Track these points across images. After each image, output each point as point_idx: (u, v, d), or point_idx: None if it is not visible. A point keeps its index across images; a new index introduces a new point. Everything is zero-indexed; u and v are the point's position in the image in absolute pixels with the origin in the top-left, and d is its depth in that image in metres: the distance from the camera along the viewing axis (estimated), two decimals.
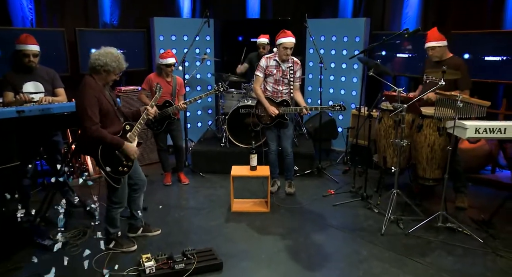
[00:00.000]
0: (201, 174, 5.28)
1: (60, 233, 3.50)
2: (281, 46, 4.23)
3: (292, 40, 4.22)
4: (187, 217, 4.05)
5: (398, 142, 3.67)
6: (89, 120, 2.96)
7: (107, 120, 3.10)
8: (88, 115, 2.95)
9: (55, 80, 3.93)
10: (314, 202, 4.40)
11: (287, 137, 4.50)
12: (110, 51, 3.11)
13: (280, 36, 4.24)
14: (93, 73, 3.10)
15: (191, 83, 6.38)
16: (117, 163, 3.15)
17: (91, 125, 2.96)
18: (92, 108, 2.97)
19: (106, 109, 3.07)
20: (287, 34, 4.22)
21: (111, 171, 3.10)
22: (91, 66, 3.08)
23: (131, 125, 3.27)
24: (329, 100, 6.40)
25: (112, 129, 3.12)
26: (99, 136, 3.00)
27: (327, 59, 6.23)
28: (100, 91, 3.08)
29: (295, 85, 4.43)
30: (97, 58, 3.05)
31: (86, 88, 3.01)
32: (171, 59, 4.56)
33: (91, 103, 2.98)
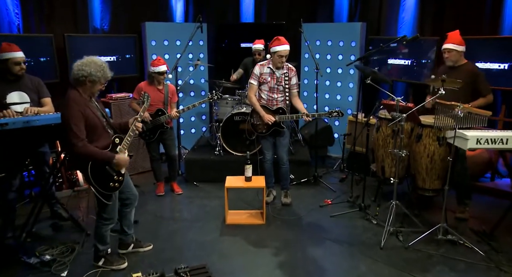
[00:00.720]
0: (195, 183, 5.14)
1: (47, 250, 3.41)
2: (276, 54, 4.12)
3: (287, 47, 4.11)
4: (180, 231, 3.92)
5: (397, 153, 3.57)
6: (75, 137, 2.82)
7: (95, 134, 2.96)
8: (73, 131, 2.81)
9: (41, 89, 3.78)
10: (311, 213, 4.29)
11: (283, 146, 4.39)
12: (93, 60, 2.97)
13: (274, 43, 4.13)
14: (77, 85, 2.96)
15: (184, 89, 6.25)
16: (108, 179, 3.01)
17: (77, 142, 2.82)
18: (77, 123, 2.84)
19: (93, 123, 2.93)
20: (281, 41, 4.11)
21: (101, 187, 2.96)
22: (75, 78, 2.93)
23: (120, 138, 3.13)
24: (325, 106, 6.31)
25: (100, 144, 2.98)
26: (86, 152, 2.86)
27: (322, 64, 6.13)
28: (86, 105, 2.94)
29: (293, 92, 4.32)
30: (80, 68, 2.91)
31: (70, 103, 2.87)
32: (163, 67, 4.43)
33: (76, 119, 2.84)
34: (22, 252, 3.41)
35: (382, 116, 4.15)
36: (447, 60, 3.92)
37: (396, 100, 3.50)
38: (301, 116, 4.21)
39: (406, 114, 3.43)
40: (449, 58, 3.89)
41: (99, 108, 3.11)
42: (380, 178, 4.34)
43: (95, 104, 3.10)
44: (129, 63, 5.83)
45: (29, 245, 3.59)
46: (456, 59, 3.89)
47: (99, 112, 3.09)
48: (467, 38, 3.98)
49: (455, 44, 3.84)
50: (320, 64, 6.10)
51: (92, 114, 2.95)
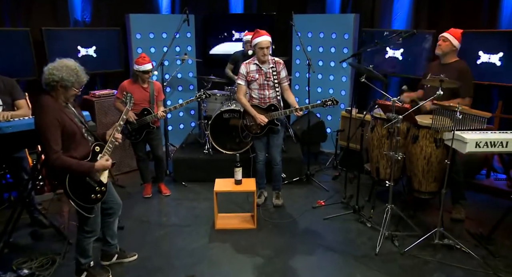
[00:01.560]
0: (183, 183, 4.97)
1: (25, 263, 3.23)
2: (257, 46, 3.93)
3: (267, 38, 3.92)
4: (168, 237, 3.76)
5: (393, 155, 3.43)
6: (49, 149, 2.61)
7: (73, 142, 2.75)
8: (47, 142, 2.60)
9: (14, 90, 3.55)
10: (303, 216, 4.15)
11: (277, 146, 4.22)
12: (66, 64, 2.73)
13: (254, 36, 3.96)
14: (50, 90, 2.73)
15: (172, 83, 6.02)
16: (89, 191, 2.81)
17: (51, 154, 2.61)
18: (52, 133, 2.62)
19: (70, 130, 2.72)
20: (261, 33, 3.93)
21: (82, 201, 2.77)
22: (46, 82, 2.69)
23: (101, 146, 2.92)
24: (318, 100, 6.10)
25: (79, 153, 2.78)
26: (62, 164, 2.65)
27: (314, 56, 5.93)
28: (61, 110, 2.72)
29: (284, 86, 4.15)
30: (51, 73, 2.67)
31: (44, 110, 2.64)
32: (148, 65, 4.21)
33: (51, 128, 2.62)
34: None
35: (377, 116, 3.99)
36: (437, 48, 3.84)
37: (392, 100, 3.34)
38: (293, 111, 4.04)
39: (402, 115, 3.27)
40: (441, 46, 3.81)
41: (76, 114, 2.90)
42: (374, 179, 4.21)
43: (72, 110, 2.88)
44: (112, 58, 5.56)
45: (6, 256, 3.40)
46: (447, 51, 3.81)
47: (77, 118, 2.87)
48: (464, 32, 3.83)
49: (453, 36, 3.76)
50: (312, 57, 5.90)
51: (69, 120, 2.73)
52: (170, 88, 6.18)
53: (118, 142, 3.03)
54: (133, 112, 4.27)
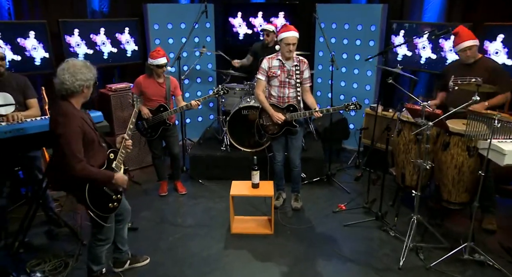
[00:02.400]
0: (200, 181, 4.86)
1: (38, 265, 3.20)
2: (283, 41, 3.72)
3: (294, 34, 3.71)
4: (182, 241, 3.65)
5: (421, 164, 3.19)
6: (74, 159, 2.48)
7: (92, 150, 2.64)
8: (72, 152, 2.47)
9: (26, 89, 3.45)
10: (323, 221, 3.98)
11: (296, 148, 4.03)
12: (80, 64, 2.61)
13: (281, 30, 3.75)
14: (70, 97, 2.60)
15: (190, 75, 5.86)
16: (107, 200, 2.73)
17: (76, 164, 2.48)
18: (77, 142, 2.50)
19: (90, 137, 2.61)
20: (289, 28, 3.73)
21: (100, 210, 2.67)
22: (71, 89, 2.56)
23: (115, 153, 2.81)
24: (341, 94, 5.88)
25: (97, 161, 2.68)
26: (86, 175, 2.54)
27: (338, 49, 5.66)
28: (82, 118, 2.61)
29: (305, 87, 3.93)
30: (75, 78, 2.54)
31: (67, 118, 2.50)
32: (162, 59, 4.05)
33: (75, 137, 2.50)
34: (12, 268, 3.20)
35: (404, 119, 3.73)
36: (468, 58, 3.61)
37: (422, 105, 3.08)
38: (314, 112, 3.84)
39: (432, 122, 3.02)
40: (471, 55, 3.58)
41: (89, 119, 2.78)
42: (399, 186, 3.97)
43: (87, 115, 2.77)
44: (130, 50, 5.42)
45: (21, 256, 3.38)
46: (475, 54, 3.61)
47: (91, 123, 2.76)
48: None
49: (473, 39, 3.54)
50: (336, 49, 5.64)
51: (88, 127, 2.63)
52: (188, 80, 6.03)
53: (129, 149, 2.93)
54: (149, 108, 4.15)
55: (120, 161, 2.82)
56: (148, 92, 4.16)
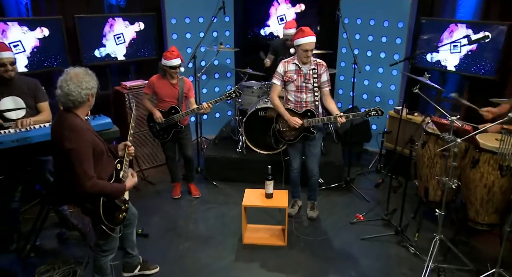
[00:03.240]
0: (214, 183, 4.75)
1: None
2: (300, 48, 3.51)
3: (312, 39, 3.50)
4: (192, 251, 3.56)
5: (446, 182, 2.96)
6: (84, 176, 2.37)
7: (101, 162, 2.53)
8: (83, 169, 2.37)
9: (38, 92, 3.37)
10: (339, 233, 3.81)
11: (314, 156, 3.85)
12: (82, 72, 2.49)
13: (298, 35, 3.53)
14: (76, 108, 2.49)
15: (208, 70, 5.70)
16: (117, 212, 2.65)
17: (86, 181, 2.38)
18: (88, 158, 2.40)
19: (100, 150, 2.51)
20: (305, 32, 3.50)
21: (111, 223, 2.60)
22: (78, 100, 2.44)
23: (120, 162, 2.72)
24: (364, 93, 5.61)
25: (107, 172, 2.59)
26: (99, 190, 2.47)
27: (363, 46, 5.39)
28: (89, 129, 2.52)
29: (324, 90, 3.73)
30: (82, 88, 2.43)
31: (78, 134, 2.39)
32: (175, 61, 3.90)
33: (86, 152, 2.40)
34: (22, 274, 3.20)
35: (430, 131, 3.48)
36: None
37: (450, 120, 2.83)
38: (333, 118, 3.64)
39: (461, 139, 2.77)
40: None
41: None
42: (422, 200, 3.75)
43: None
44: (147, 45, 5.29)
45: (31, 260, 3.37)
46: None
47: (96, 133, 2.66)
48: None
49: None
50: (360, 47, 5.39)
51: (97, 139, 2.53)
52: (206, 75, 5.89)
53: (131, 156, 2.83)
54: (161, 110, 4.04)
55: (126, 169, 2.72)
56: (161, 93, 4.04)
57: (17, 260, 3.38)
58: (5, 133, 2.97)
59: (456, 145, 2.79)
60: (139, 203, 4.25)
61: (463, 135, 2.80)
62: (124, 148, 2.80)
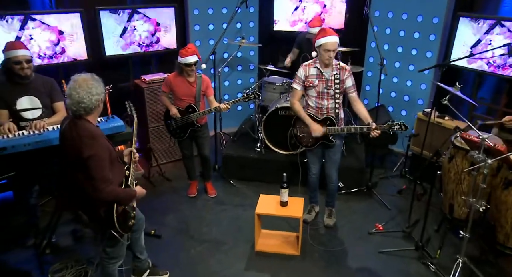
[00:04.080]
0: (231, 182, 4.67)
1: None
2: (322, 48, 3.31)
3: (334, 39, 3.28)
4: (203, 256, 3.51)
5: (473, 204, 2.74)
6: (104, 181, 2.35)
7: (114, 168, 2.50)
8: (102, 175, 2.35)
9: (53, 91, 3.35)
10: (356, 243, 3.66)
11: (333, 162, 3.68)
12: (87, 78, 2.43)
13: (320, 35, 3.32)
14: (88, 115, 2.44)
15: (231, 63, 5.55)
16: (128, 218, 2.62)
17: (105, 187, 2.36)
18: (106, 164, 2.39)
19: (113, 156, 2.50)
20: (327, 32, 3.29)
21: (123, 229, 2.57)
22: (88, 107, 2.39)
23: (128, 169, 2.68)
24: (392, 91, 5.33)
25: (119, 179, 2.57)
26: (114, 196, 2.44)
27: (393, 41, 5.09)
28: (103, 136, 2.48)
29: (351, 96, 3.53)
30: (89, 97, 2.38)
31: (96, 140, 2.36)
32: (191, 58, 3.77)
33: (105, 159, 2.38)
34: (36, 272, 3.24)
35: (458, 145, 3.23)
36: None
37: (481, 138, 2.59)
38: (353, 129, 3.46)
39: (492, 160, 2.54)
40: None
41: None
42: (446, 216, 3.53)
43: None
44: (169, 36, 5.18)
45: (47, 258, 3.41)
46: None
47: None
48: None
49: None
50: (390, 42, 5.09)
51: (110, 145, 2.50)
52: (228, 68, 5.75)
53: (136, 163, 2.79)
54: (178, 108, 3.96)
55: (133, 176, 2.68)
56: (178, 91, 3.95)
57: (33, 256, 3.43)
58: (19, 135, 2.96)
59: (486, 166, 2.56)
60: (154, 200, 4.31)
61: (495, 154, 2.57)
62: (129, 154, 2.74)
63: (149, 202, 4.29)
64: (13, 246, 3.58)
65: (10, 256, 3.48)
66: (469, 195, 2.82)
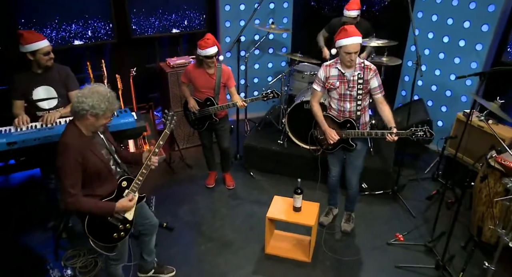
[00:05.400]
0: (251, 173, 4.55)
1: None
2: (342, 50, 3.03)
3: (356, 40, 3.00)
4: (212, 254, 3.47)
5: (503, 237, 2.45)
6: (65, 193, 2.33)
7: (98, 180, 2.46)
8: (64, 186, 2.32)
9: (69, 80, 3.30)
10: (372, 254, 3.47)
11: (354, 168, 3.45)
12: (97, 90, 2.37)
13: (340, 35, 3.04)
14: (77, 120, 2.39)
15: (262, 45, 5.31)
16: (110, 231, 2.55)
17: (67, 197, 2.34)
18: (70, 175, 2.33)
19: (94, 169, 2.41)
20: (348, 32, 3.00)
21: (102, 240, 2.54)
22: (75, 110, 2.36)
23: (129, 180, 2.58)
24: (432, 84, 4.88)
25: (104, 190, 2.50)
26: (78, 209, 2.40)
27: (440, 29, 4.63)
28: (86, 147, 2.39)
29: (376, 97, 3.24)
30: (81, 100, 2.33)
31: (64, 149, 2.32)
32: (210, 50, 3.57)
33: (70, 170, 2.32)
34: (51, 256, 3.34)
35: (492, 164, 2.88)
36: None
37: None
38: (374, 133, 3.20)
39: None
40: None
41: (104, 142, 2.54)
42: (473, 238, 3.23)
43: (101, 138, 2.53)
44: (198, 17, 4.98)
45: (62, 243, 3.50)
46: None
47: (104, 148, 2.53)
48: None
49: None
50: (436, 30, 4.62)
51: (93, 157, 2.41)
52: (259, 50, 5.50)
53: (154, 167, 2.66)
54: (197, 99, 3.83)
55: (135, 188, 2.58)
56: (197, 83, 3.80)
57: (51, 239, 3.54)
58: (31, 128, 2.97)
59: None
60: (172, 188, 4.30)
61: None
62: (148, 156, 2.62)
63: (167, 190, 4.30)
64: (36, 226, 3.70)
65: (32, 237, 3.60)
66: (499, 224, 2.53)
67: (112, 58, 4.92)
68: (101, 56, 4.76)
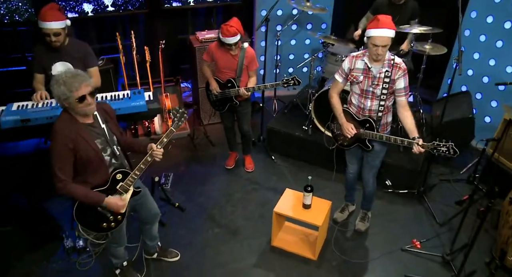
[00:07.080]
0: (272, 157, 4.44)
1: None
2: (370, 41, 2.73)
3: (386, 33, 2.67)
4: (217, 241, 3.46)
5: None
6: (54, 176, 2.36)
7: (89, 168, 2.45)
8: (53, 170, 2.35)
9: (87, 56, 3.28)
10: (383, 259, 3.29)
11: (371, 167, 3.23)
12: (54, 78, 2.33)
13: (371, 25, 2.72)
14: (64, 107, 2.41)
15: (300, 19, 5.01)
16: (99, 219, 2.56)
17: (57, 182, 2.36)
18: (61, 161, 2.35)
19: (85, 158, 2.40)
20: (380, 22, 2.67)
21: (89, 227, 2.57)
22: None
23: (124, 174, 2.55)
24: (484, 75, 4.37)
25: (96, 180, 2.49)
26: (67, 194, 2.42)
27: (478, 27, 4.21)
28: (78, 133, 2.37)
29: (399, 100, 2.94)
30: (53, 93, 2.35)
31: (53, 135, 2.35)
32: (232, 39, 3.38)
33: (59, 155, 2.34)
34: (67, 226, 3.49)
35: None
36: None
37: None
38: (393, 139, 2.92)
39: None
40: None
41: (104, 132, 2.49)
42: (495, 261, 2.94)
43: (102, 127, 2.49)
44: None
45: None
46: None
47: (102, 138, 2.49)
48: None
49: None
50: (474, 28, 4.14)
51: (85, 144, 2.39)
52: (297, 25, 5.21)
53: (158, 159, 2.59)
54: (218, 80, 3.71)
55: (130, 182, 2.55)
56: (219, 62, 3.66)
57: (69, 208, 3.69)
58: (46, 105, 3.02)
59: None
60: (191, 167, 4.31)
61: None
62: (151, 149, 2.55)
63: (186, 168, 4.31)
64: None
65: (54, 204, 3.73)
66: None
67: (143, 29, 4.87)
68: (133, 26, 4.72)
